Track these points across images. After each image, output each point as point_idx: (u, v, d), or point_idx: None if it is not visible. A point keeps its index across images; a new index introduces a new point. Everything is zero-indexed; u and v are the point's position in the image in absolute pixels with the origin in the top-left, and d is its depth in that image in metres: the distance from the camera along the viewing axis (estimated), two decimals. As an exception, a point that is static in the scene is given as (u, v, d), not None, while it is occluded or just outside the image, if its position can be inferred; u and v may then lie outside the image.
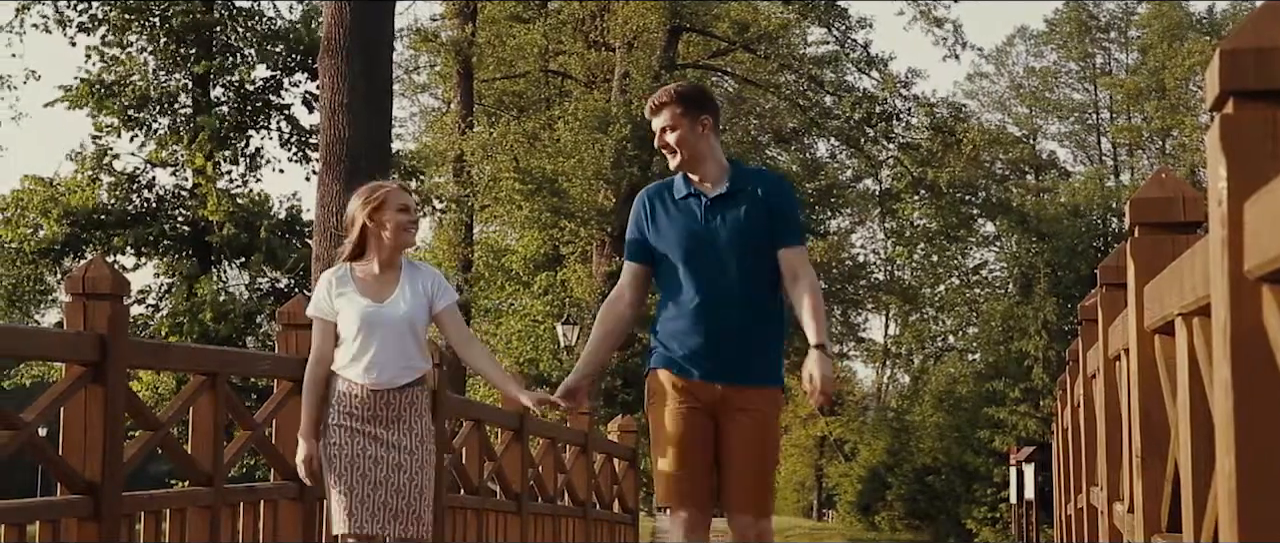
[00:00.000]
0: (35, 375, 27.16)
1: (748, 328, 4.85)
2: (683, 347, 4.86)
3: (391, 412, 5.08)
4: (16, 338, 5.34)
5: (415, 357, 5.17)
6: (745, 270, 4.85)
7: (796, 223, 5.00)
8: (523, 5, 35.28)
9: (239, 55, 27.32)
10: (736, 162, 5.17)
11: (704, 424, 4.84)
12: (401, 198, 5.24)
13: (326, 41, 13.44)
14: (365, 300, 5.11)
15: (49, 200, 25.83)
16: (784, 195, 5.00)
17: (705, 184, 4.97)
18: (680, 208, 4.96)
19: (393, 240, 5.19)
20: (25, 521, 4.61)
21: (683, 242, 4.90)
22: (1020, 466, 29.71)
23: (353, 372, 5.07)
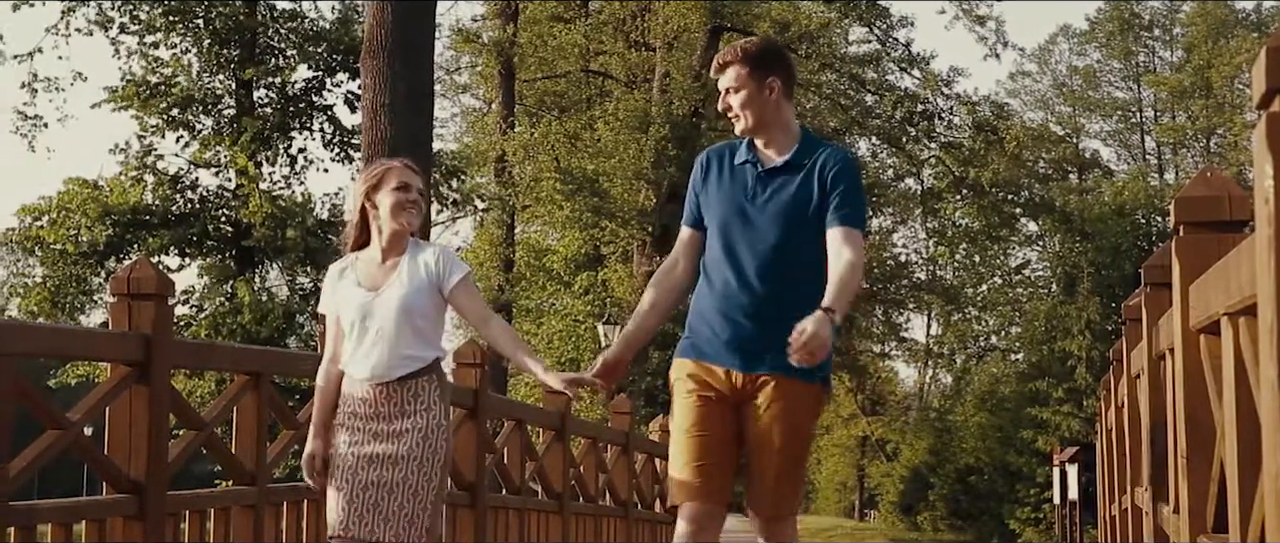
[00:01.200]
0: (81, 375, 27.35)
1: (783, 313, 4.29)
2: (708, 329, 4.47)
3: (393, 406, 4.70)
4: (62, 338, 5.38)
5: (412, 346, 4.73)
6: (788, 250, 4.41)
7: (853, 203, 4.46)
8: (564, 5, 35.33)
9: (281, 56, 27.45)
10: (809, 132, 4.68)
11: (721, 415, 4.42)
12: (401, 175, 4.83)
13: (369, 42, 13.49)
14: (361, 290, 4.77)
15: (92, 202, 26.01)
16: (845, 173, 4.48)
17: (768, 152, 4.54)
18: (733, 175, 4.55)
19: (391, 222, 4.78)
20: (72, 520, 4.65)
21: (726, 212, 4.50)
22: (1063, 466, 29.54)
23: (353, 367, 4.74)
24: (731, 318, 4.41)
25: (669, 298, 4.63)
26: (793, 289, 4.37)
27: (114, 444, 4.84)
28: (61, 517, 4.58)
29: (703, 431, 4.41)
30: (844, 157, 4.58)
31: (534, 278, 34.71)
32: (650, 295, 4.65)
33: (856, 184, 4.53)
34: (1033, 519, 39.50)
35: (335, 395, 4.79)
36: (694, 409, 4.43)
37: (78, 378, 27.66)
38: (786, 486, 4.45)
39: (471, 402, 7.69)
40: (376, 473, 4.67)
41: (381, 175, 4.83)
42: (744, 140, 4.59)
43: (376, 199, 4.80)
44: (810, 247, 4.39)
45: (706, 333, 4.46)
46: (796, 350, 4.13)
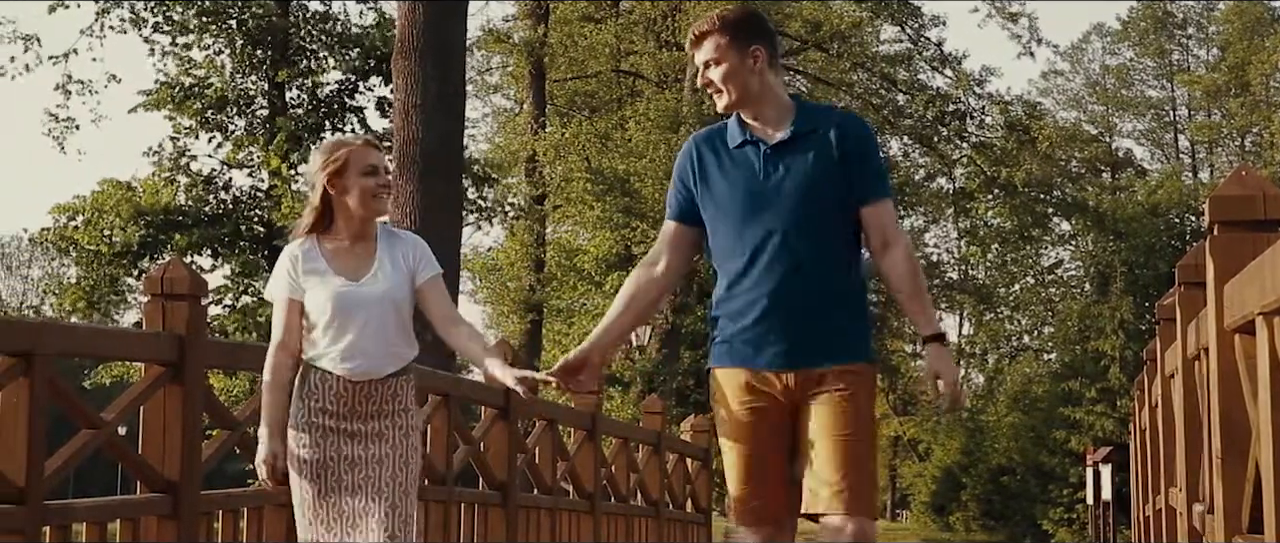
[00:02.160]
0: (115, 375, 27.51)
1: (823, 300, 4.01)
2: (744, 330, 4.05)
3: (372, 405, 4.40)
4: (97, 338, 5.41)
5: (399, 342, 4.48)
6: (816, 231, 4.02)
7: (878, 171, 4.13)
8: (595, 5, 35.35)
9: (313, 58, 27.56)
10: (802, 100, 4.26)
11: (775, 425, 4.03)
12: (367, 157, 4.47)
13: (400, 43, 13.52)
14: (339, 279, 4.42)
15: (126, 202, 26.16)
16: (861, 138, 4.11)
17: (765, 129, 4.12)
18: (735, 159, 4.12)
19: (360, 209, 4.44)
20: (106, 519, 4.67)
21: (739, 201, 4.07)
22: (1097, 466, 29.41)
23: (328, 361, 4.38)
24: (770, 312, 4.01)
25: (648, 296, 4.20)
26: (830, 269, 4.03)
27: (148, 444, 4.86)
28: (96, 516, 4.60)
29: (758, 447, 4.05)
30: (858, 123, 4.22)
31: (565, 278, 34.74)
32: (626, 292, 4.20)
33: (874, 146, 4.20)
34: (1066, 520, 39.32)
35: (288, 389, 4.42)
36: (746, 423, 4.05)
37: (112, 378, 27.83)
38: (856, 476, 3.96)
39: (502, 401, 7.70)
40: (362, 475, 4.37)
41: (346, 158, 4.46)
42: (732, 120, 4.20)
43: (342, 183, 4.45)
44: (836, 221, 4.05)
45: (744, 335, 4.06)
46: (946, 403, 4.00)
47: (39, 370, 4.11)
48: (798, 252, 4.00)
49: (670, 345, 30.29)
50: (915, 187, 47.52)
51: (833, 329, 4.01)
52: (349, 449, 4.37)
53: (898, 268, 4.06)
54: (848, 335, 4.04)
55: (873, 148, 4.15)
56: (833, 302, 4.01)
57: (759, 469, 4.06)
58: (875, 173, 4.10)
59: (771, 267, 4.01)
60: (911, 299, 4.06)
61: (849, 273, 4.06)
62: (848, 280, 4.05)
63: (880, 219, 4.05)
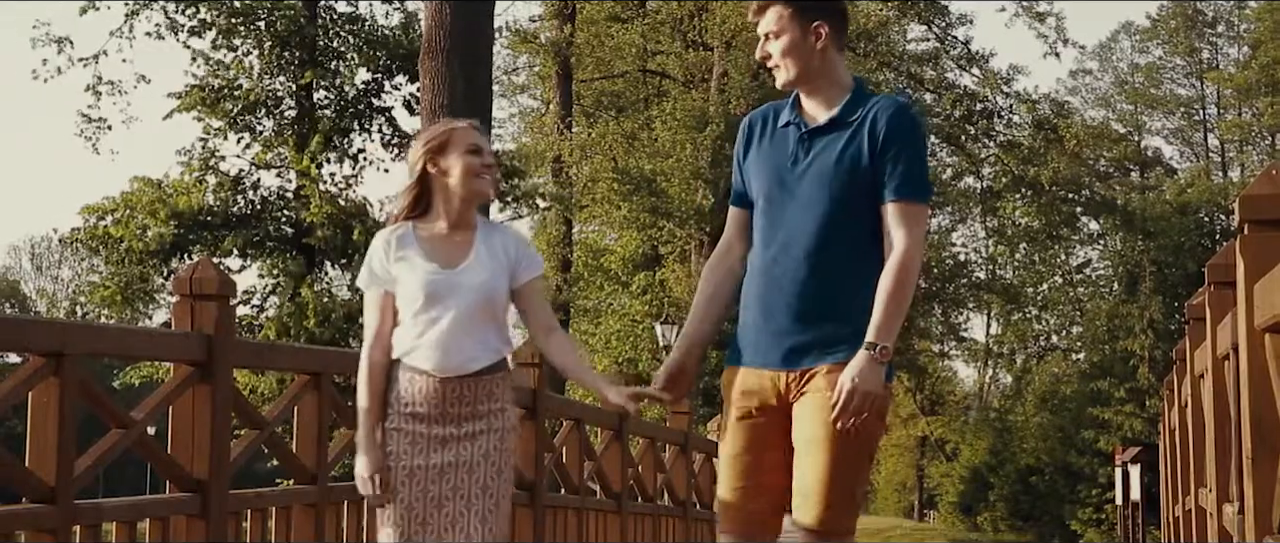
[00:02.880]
0: (144, 375, 27.62)
1: (830, 300, 3.75)
2: (750, 325, 3.86)
3: (465, 406, 4.05)
4: (127, 338, 5.43)
5: (493, 336, 4.11)
6: (832, 224, 3.75)
7: (910, 169, 3.77)
8: (621, 5, 35.37)
9: (341, 60, 27.63)
10: (863, 84, 3.96)
11: (764, 432, 3.80)
12: (471, 136, 4.16)
13: (427, 43, 13.55)
14: (431, 265, 4.07)
15: (157, 202, 26.27)
16: (902, 131, 3.78)
17: (815, 110, 3.87)
18: (774, 139, 3.90)
19: (462, 189, 4.11)
20: (135, 518, 4.69)
21: (766, 183, 3.86)
22: (1126, 466, 29.31)
23: (418, 358, 4.04)
24: (773, 308, 3.80)
25: (727, 286, 4.00)
26: (843, 267, 3.77)
27: (177, 443, 4.88)
28: (126, 515, 4.63)
29: (744, 454, 3.84)
30: (899, 108, 3.84)
31: (592, 278, 34.78)
32: (705, 288, 4.03)
33: (915, 141, 3.83)
34: (1095, 520, 39.22)
35: (384, 390, 4.08)
36: (735, 429, 3.85)
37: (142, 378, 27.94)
38: (834, 496, 3.72)
39: (531, 401, 7.71)
40: (452, 484, 4.04)
41: (448, 135, 4.16)
42: (790, 98, 3.95)
43: (443, 163, 4.14)
44: (861, 217, 3.77)
45: (749, 330, 3.87)
46: (839, 414, 3.62)
47: (69, 370, 4.13)
48: (812, 245, 3.76)
49: (697, 345, 30.26)
50: (943, 186, 47.41)
51: (834, 329, 3.74)
52: (438, 457, 4.03)
53: (886, 269, 3.73)
54: (847, 338, 3.73)
55: (909, 143, 3.80)
56: (841, 302, 3.75)
57: (747, 475, 3.83)
58: (904, 170, 3.76)
59: (782, 258, 3.80)
60: (881, 300, 3.69)
61: (866, 272, 3.75)
62: (863, 280, 3.74)
63: (893, 219, 3.74)
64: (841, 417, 3.62)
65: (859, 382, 3.62)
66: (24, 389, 4.07)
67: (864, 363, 3.63)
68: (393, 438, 4.05)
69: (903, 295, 3.70)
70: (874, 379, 3.63)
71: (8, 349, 4.51)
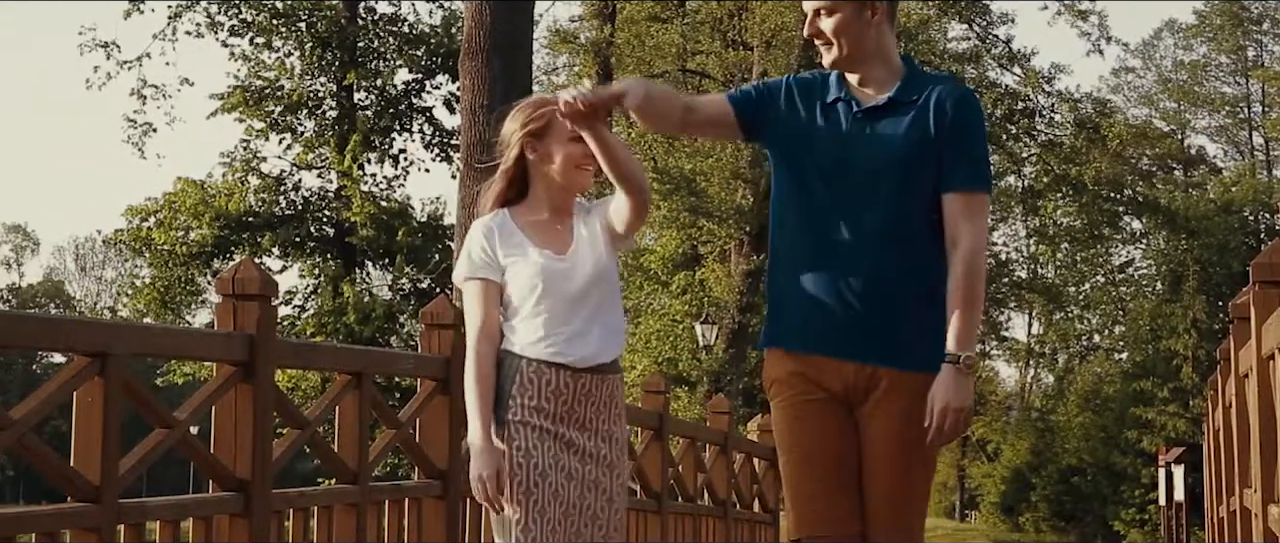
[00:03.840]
0: (186, 375, 27.81)
1: (897, 287, 3.58)
2: (802, 311, 3.64)
3: (591, 406, 3.75)
4: (170, 338, 5.47)
5: (615, 319, 3.84)
6: (896, 209, 3.58)
7: (972, 157, 3.61)
8: (661, 5, 35.36)
9: (382, 60, 27.74)
10: (913, 63, 3.79)
11: (835, 418, 3.61)
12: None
13: (467, 44, 13.57)
14: (545, 252, 3.79)
15: (200, 203, 26.45)
16: (965, 116, 3.62)
17: (865, 88, 3.68)
18: (823, 114, 3.69)
19: (564, 180, 3.83)
20: (179, 517, 4.72)
21: (815, 160, 3.64)
22: (1169, 467, 29.09)
23: (542, 348, 3.73)
24: (832, 295, 3.61)
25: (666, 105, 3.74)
26: (908, 253, 3.60)
27: (220, 443, 4.91)
28: (169, 514, 4.65)
29: (817, 442, 3.62)
30: (963, 95, 3.69)
31: (631, 278, 34.76)
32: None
33: (979, 131, 3.69)
34: (1138, 521, 38.97)
35: (494, 387, 3.77)
36: (800, 419, 3.64)
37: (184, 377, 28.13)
38: (902, 512, 3.60)
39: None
40: (578, 493, 3.73)
41: (549, 117, 3.81)
42: (832, 74, 3.74)
43: (543, 148, 3.83)
44: (922, 202, 3.60)
45: (800, 314, 3.65)
46: (934, 436, 3.51)
47: (113, 371, 4.16)
48: (872, 228, 3.58)
49: (737, 345, 30.23)
50: (984, 185, 47.11)
51: (904, 322, 3.58)
52: (566, 460, 3.74)
53: (954, 269, 3.57)
54: (928, 331, 3.58)
55: (972, 129, 3.65)
56: (902, 295, 3.59)
57: (817, 468, 3.62)
58: (967, 158, 3.61)
59: (846, 243, 3.60)
60: (952, 306, 3.55)
61: (928, 266, 3.60)
62: (925, 274, 3.60)
63: (954, 210, 3.58)
64: (937, 439, 3.52)
65: (952, 401, 3.51)
66: (69, 389, 4.10)
67: (953, 379, 3.52)
68: (520, 433, 3.73)
69: (977, 297, 3.59)
70: (965, 394, 3.53)
71: (53, 349, 4.54)
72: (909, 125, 3.61)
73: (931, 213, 3.61)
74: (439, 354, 6.35)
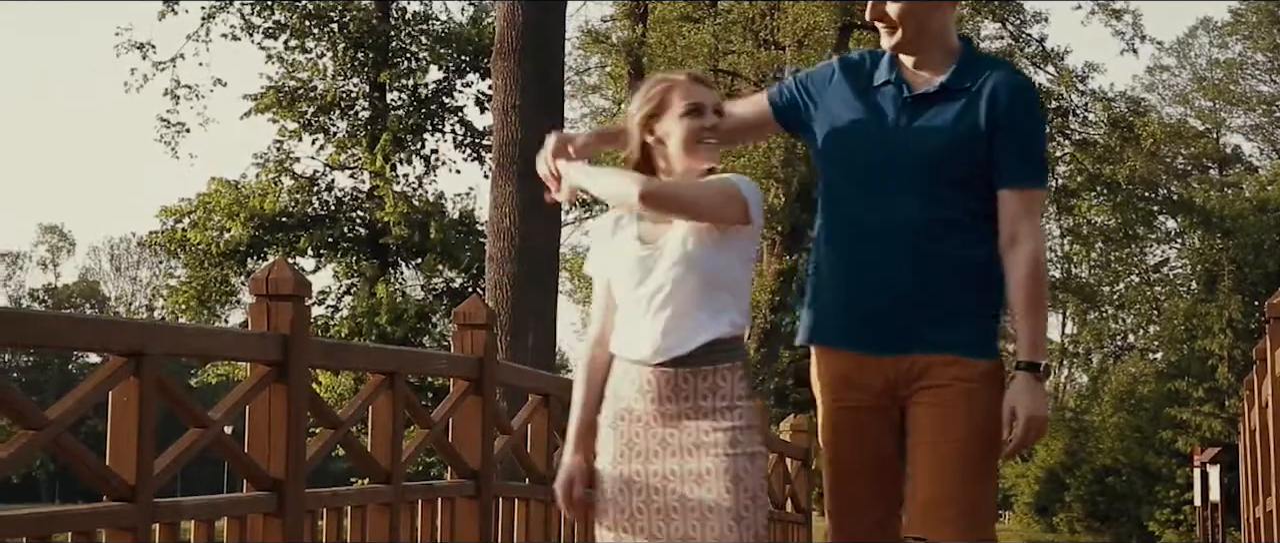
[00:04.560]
0: (220, 374, 27.93)
1: (937, 276, 3.44)
2: (842, 305, 3.52)
3: (685, 401, 3.46)
4: (204, 338, 5.49)
5: (708, 311, 3.45)
6: (942, 201, 3.44)
7: (1028, 152, 3.46)
8: (693, 5, 35.35)
9: (413, 59, 27.81)
10: (971, 45, 3.63)
11: (874, 425, 3.49)
12: (692, 93, 3.57)
13: (499, 44, 13.59)
14: (640, 244, 3.54)
15: (235, 203, 26.56)
16: (1020, 108, 3.45)
17: (919, 72, 3.52)
18: (870, 98, 3.52)
19: (684, 157, 3.55)
20: (214, 516, 4.74)
21: (862, 149, 3.50)
22: (1205, 467, 28.95)
23: (625, 346, 3.53)
24: (875, 286, 3.48)
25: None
26: (946, 245, 3.46)
27: (253, 442, 4.92)
28: (204, 513, 4.68)
29: (854, 456, 3.52)
30: (1019, 83, 3.51)
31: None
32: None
33: (1037, 123, 3.53)
34: (1173, 521, 38.77)
35: (602, 386, 3.59)
36: (838, 429, 3.54)
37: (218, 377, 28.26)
38: (973, 495, 3.42)
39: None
40: (677, 495, 3.44)
41: (662, 95, 3.59)
42: (885, 56, 3.58)
43: (660, 129, 3.58)
44: (972, 193, 3.47)
45: (840, 308, 3.54)
46: (1015, 448, 3.40)
47: (148, 370, 4.18)
48: (920, 221, 3.44)
49: (769, 345, 30.19)
50: (1017, 184, 46.94)
51: (950, 312, 3.45)
52: (660, 463, 3.48)
53: (1016, 272, 3.44)
54: (964, 325, 3.47)
55: (1028, 122, 3.49)
56: (942, 284, 3.45)
57: (864, 478, 3.52)
58: (1023, 152, 3.45)
59: (887, 233, 3.46)
60: (1021, 312, 3.45)
61: (970, 255, 3.48)
62: (967, 263, 3.47)
63: (1012, 209, 3.43)
64: (1017, 448, 3.42)
65: (1031, 409, 3.40)
66: (105, 389, 4.12)
67: (1029, 387, 3.41)
68: (607, 438, 3.55)
69: (1042, 298, 3.48)
70: (1041, 402, 3.41)
71: (89, 349, 4.57)
72: (959, 115, 3.46)
73: (976, 203, 3.47)
74: (472, 354, 6.35)
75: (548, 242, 13.47)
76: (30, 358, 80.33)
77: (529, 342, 12.67)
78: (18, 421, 3.81)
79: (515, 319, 12.68)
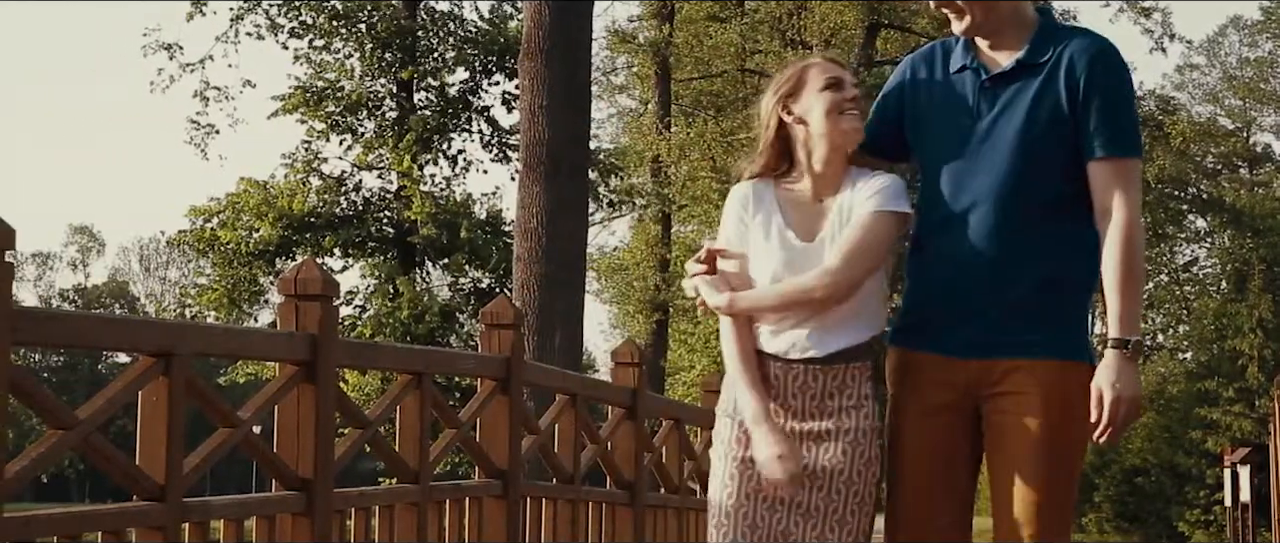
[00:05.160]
0: (248, 374, 28.01)
1: (1020, 275, 3.28)
2: (927, 305, 3.42)
3: (810, 400, 3.41)
4: (233, 338, 5.51)
5: (848, 315, 3.39)
6: (1028, 189, 3.27)
7: (1117, 119, 3.26)
8: (720, 5, 35.32)
9: (440, 58, 27.84)
10: (1049, 15, 3.43)
11: (952, 431, 3.37)
12: (830, 70, 3.46)
13: (526, 44, 13.60)
14: (789, 235, 3.42)
15: (263, 203, 26.64)
16: (1108, 73, 3.26)
17: (996, 52, 3.36)
18: (950, 88, 3.39)
19: (825, 133, 3.41)
20: (243, 516, 4.75)
21: (945, 140, 3.35)
22: (1235, 467, 28.81)
23: (768, 341, 3.42)
24: (958, 286, 3.35)
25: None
26: (1032, 237, 3.30)
27: (282, 442, 4.93)
28: (233, 513, 4.69)
29: (936, 457, 3.39)
30: (1100, 49, 3.29)
31: (691, 277, 34.74)
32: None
33: (1123, 85, 3.30)
34: (1203, 522, 38.61)
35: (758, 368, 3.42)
36: (922, 426, 3.41)
37: (246, 377, 28.34)
38: (1055, 518, 3.30)
39: (630, 401, 7.71)
40: (800, 499, 3.40)
41: (799, 73, 3.50)
42: (961, 40, 3.42)
43: (799, 107, 3.46)
44: (1061, 178, 3.29)
45: (925, 309, 3.43)
46: (1103, 431, 3.22)
47: (178, 370, 4.19)
48: (1005, 213, 3.28)
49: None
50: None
51: (1020, 316, 3.30)
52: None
53: (1109, 245, 3.25)
54: (1039, 325, 3.31)
55: (1117, 86, 3.29)
56: (1026, 283, 3.30)
57: (936, 483, 3.41)
58: (1110, 120, 3.26)
59: (969, 228, 3.31)
60: (1114, 288, 3.26)
61: (1059, 247, 3.32)
62: (1054, 257, 3.32)
63: (1104, 179, 3.24)
64: (1109, 434, 3.23)
65: (1122, 390, 3.22)
66: (134, 388, 4.13)
67: (1120, 366, 3.23)
68: (724, 429, 3.49)
69: (1137, 273, 3.30)
70: (1134, 383, 3.23)
71: (118, 349, 4.59)
72: (1038, 91, 3.29)
73: (1065, 185, 3.30)
74: (499, 354, 6.36)
75: (575, 242, 13.48)
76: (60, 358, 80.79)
77: (556, 341, 12.68)
78: (48, 420, 3.82)
79: (542, 319, 12.70)
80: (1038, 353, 3.29)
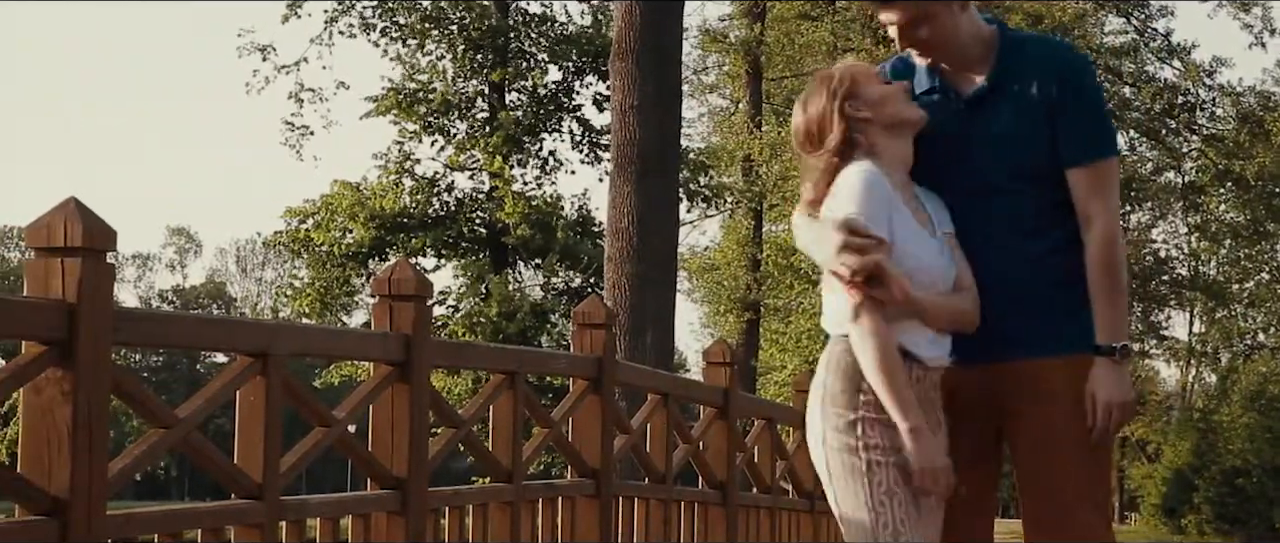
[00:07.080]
0: (343, 375, 28.29)
1: (1026, 280, 3.36)
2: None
3: (933, 406, 3.40)
4: (328, 339, 5.57)
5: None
6: (1015, 201, 3.37)
7: (1088, 125, 3.36)
8: (811, 3, 35.19)
9: (532, 60, 27.96)
10: (1003, 28, 3.48)
11: (976, 437, 3.41)
12: (873, 69, 3.51)
13: (617, 45, 13.63)
14: (924, 231, 3.36)
15: (356, 204, 26.89)
16: (1073, 83, 3.35)
17: (960, 75, 3.42)
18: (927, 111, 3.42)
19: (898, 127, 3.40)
20: (338, 514, 4.80)
21: (925, 163, 3.38)
22: (1338, 469, 28.31)
23: (915, 338, 3.34)
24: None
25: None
26: (1031, 245, 3.39)
27: (377, 441, 4.97)
28: (329, 512, 4.73)
29: (963, 466, 3.36)
30: (1066, 59, 3.41)
31: (782, 277, 34.63)
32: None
33: (1091, 89, 3.41)
34: (1306, 524, 37.98)
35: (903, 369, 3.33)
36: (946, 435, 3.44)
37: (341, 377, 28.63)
38: (1091, 510, 3.31)
39: (722, 401, 7.70)
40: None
41: (850, 74, 3.43)
42: (919, 63, 3.47)
43: (865, 102, 3.38)
44: (1045, 187, 3.38)
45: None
46: (1099, 433, 3.28)
47: (274, 370, 4.24)
48: (993, 228, 3.37)
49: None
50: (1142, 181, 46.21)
51: (1041, 310, 3.37)
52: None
53: (1091, 255, 3.34)
54: (1068, 314, 3.37)
55: (1086, 93, 3.39)
56: (1032, 285, 3.38)
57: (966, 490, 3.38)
58: (1083, 127, 3.35)
59: (970, 244, 3.39)
60: (1096, 293, 3.33)
61: (1057, 249, 3.39)
62: (1055, 258, 3.39)
63: (1082, 187, 3.33)
64: (1103, 437, 3.29)
65: (1112, 395, 3.30)
66: (232, 388, 4.18)
67: (1108, 372, 3.30)
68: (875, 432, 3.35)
69: (1117, 278, 3.35)
70: (1123, 386, 3.31)
71: (217, 349, 4.65)
72: (1018, 111, 3.36)
73: (1056, 192, 3.38)
74: (591, 354, 6.37)
75: (666, 242, 13.49)
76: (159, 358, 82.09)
77: (648, 341, 12.70)
78: (149, 419, 3.88)
79: (634, 319, 12.72)
80: (1045, 350, 3.36)
